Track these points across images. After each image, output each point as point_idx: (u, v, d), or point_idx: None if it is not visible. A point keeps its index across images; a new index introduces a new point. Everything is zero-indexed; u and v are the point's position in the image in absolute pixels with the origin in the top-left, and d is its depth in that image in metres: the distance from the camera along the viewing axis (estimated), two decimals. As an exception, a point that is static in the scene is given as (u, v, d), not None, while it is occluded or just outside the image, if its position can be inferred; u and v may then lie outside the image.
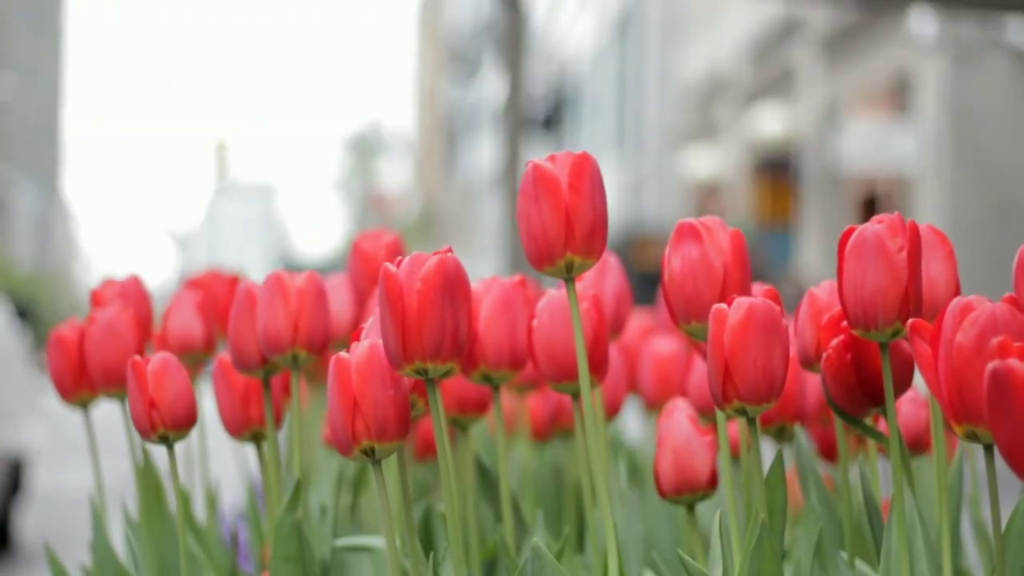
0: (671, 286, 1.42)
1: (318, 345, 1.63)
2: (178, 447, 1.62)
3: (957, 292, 1.43)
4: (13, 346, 7.16)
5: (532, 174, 1.37)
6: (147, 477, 1.86)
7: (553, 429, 2.25)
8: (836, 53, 15.43)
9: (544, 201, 1.36)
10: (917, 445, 1.74)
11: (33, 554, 7.07)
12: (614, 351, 1.91)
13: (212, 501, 2.10)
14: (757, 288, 1.44)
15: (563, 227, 1.36)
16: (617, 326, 1.88)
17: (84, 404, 1.88)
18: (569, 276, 1.39)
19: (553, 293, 1.59)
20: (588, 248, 1.37)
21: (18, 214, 71.84)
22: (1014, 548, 1.34)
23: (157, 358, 1.57)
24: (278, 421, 1.75)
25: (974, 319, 1.16)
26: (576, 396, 1.58)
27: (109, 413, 2.76)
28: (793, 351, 1.58)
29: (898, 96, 14.24)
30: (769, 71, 18.05)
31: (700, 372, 1.85)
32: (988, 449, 1.21)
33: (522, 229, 1.37)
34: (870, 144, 13.23)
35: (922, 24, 12.99)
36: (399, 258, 1.32)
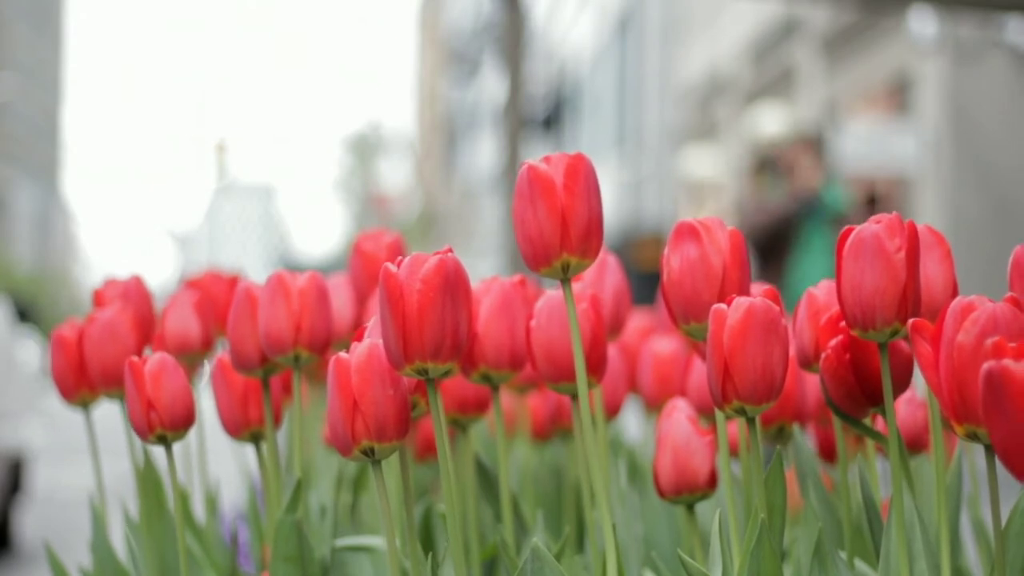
0: (670, 286, 1.42)
1: (320, 345, 1.63)
2: (178, 447, 1.62)
3: (955, 292, 1.43)
4: (13, 346, 7.16)
5: (527, 175, 1.36)
6: (147, 477, 1.86)
7: (553, 429, 2.25)
8: (836, 53, 15.42)
9: (539, 202, 1.36)
10: (916, 445, 1.74)
11: (33, 554, 7.07)
12: (614, 351, 1.91)
13: (212, 501, 2.10)
14: (756, 288, 1.44)
15: (559, 228, 1.36)
16: (616, 326, 1.88)
17: (85, 404, 1.88)
18: (565, 277, 1.38)
19: (551, 293, 1.59)
20: (584, 249, 1.37)
21: (18, 214, 71.83)
22: (1014, 547, 1.34)
23: (155, 359, 1.56)
24: (277, 421, 1.75)
25: (975, 319, 1.16)
26: (575, 397, 1.57)
27: (109, 413, 2.76)
28: (792, 351, 1.58)
29: (898, 96, 14.23)
30: (769, 71, 18.04)
31: (700, 372, 1.85)
32: (988, 449, 1.21)
33: (518, 230, 1.37)
34: (870, 144, 13.22)
35: (922, 24, 12.99)
36: (399, 258, 1.32)
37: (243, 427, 1.72)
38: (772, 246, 6.58)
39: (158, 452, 1.79)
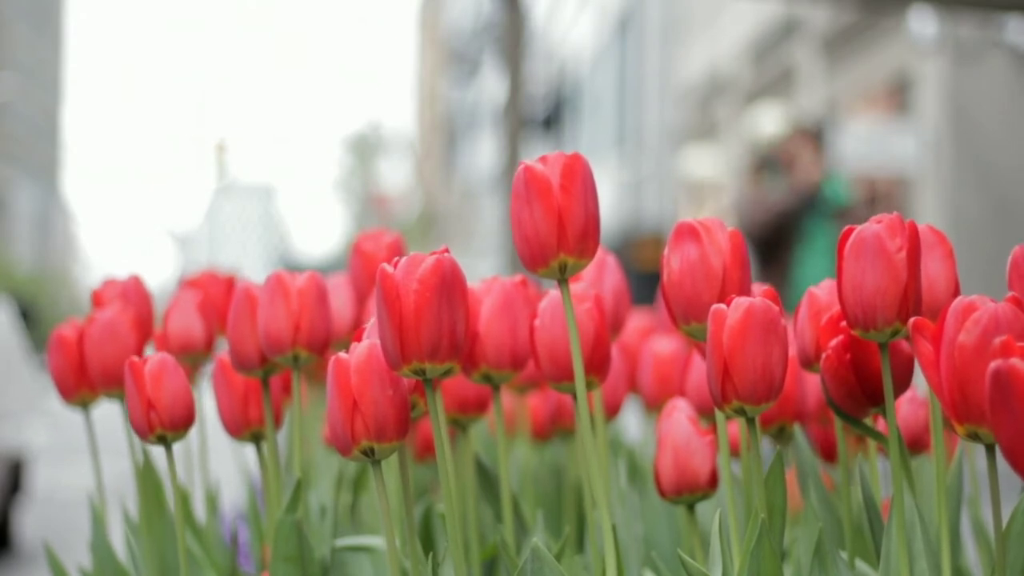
0: (670, 287, 1.42)
1: (319, 345, 1.63)
2: (178, 447, 1.62)
3: (957, 292, 1.43)
4: (15, 346, 7.15)
5: (523, 176, 1.37)
6: (147, 477, 1.86)
7: (553, 429, 2.25)
8: (836, 53, 15.42)
9: (536, 203, 1.36)
10: (917, 445, 1.74)
11: (33, 554, 7.07)
12: (614, 351, 1.90)
13: (212, 501, 2.10)
14: (756, 288, 1.44)
15: (555, 228, 1.36)
16: (616, 326, 1.88)
17: (84, 404, 1.88)
18: (562, 277, 1.38)
19: (554, 293, 1.59)
20: (581, 249, 1.37)
21: (18, 214, 71.85)
22: (1014, 548, 1.34)
23: (155, 359, 1.56)
24: (277, 421, 1.74)
25: (976, 319, 1.16)
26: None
27: (109, 413, 2.76)
28: (793, 351, 1.58)
29: (898, 96, 14.23)
30: (769, 71, 18.04)
31: (699, 372, 1.85)
32: (989, 449, 1.21)
33: (515, 231, 1.37)
34: (870, 144, 13.21)
35: (922, 24, 12.99)
36: (397, 259, 1.32)
37: (243, 427, 1.72)
38: (773, 243, 6.36)
39: (158, 452, 1.79)
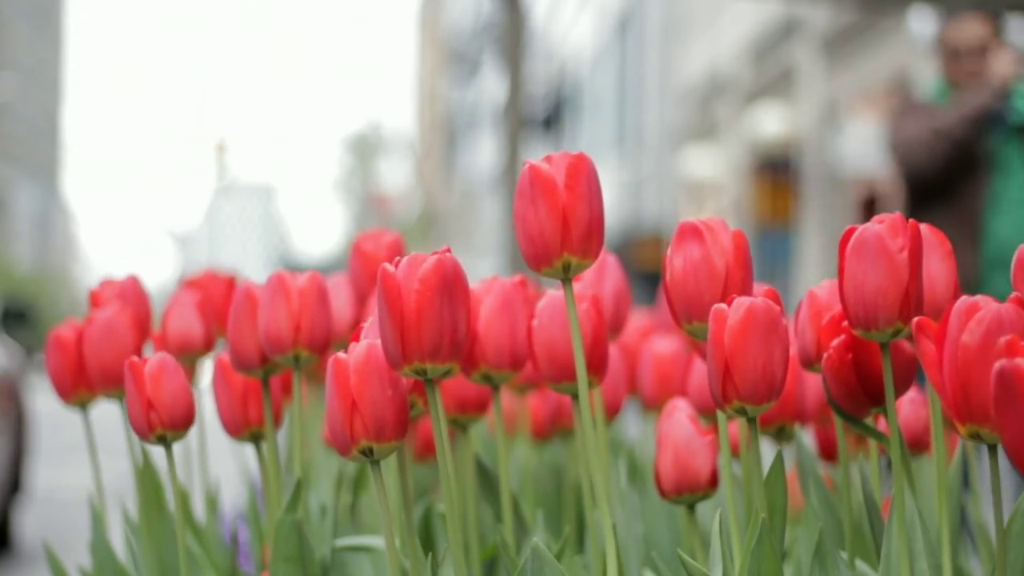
0: (673, 286, 1.42)
1: (320, 345, 1.63)
2: (178, 447, 1.62)
3: (957, 291, 1.43)
4: None
5: (528, 175, 1.36)
6: (147, 477, 1.86)
7: (553, 429, 2.24)
8: (836, 53, 15.43)
9: (541, 202, 1.36)
10: (918, 445, 1.74)
11: (33, 554, 7.06)
12: (614, 351, 1.90)
13: (212, 501, 2.10)
14: (758, 288, 1.44)
15: (560, 228, 1.36)
16: (616, 326, 1.88)
17: (83, 404, 1.87)
18: (566, 277, 1.38)
19: (553, 293, 1.59)
20: (585, 249, 1.37)
21: (18, 214, 71.86)
22: (1014, 548, 1.34)
23: (155, 359, 1.56)
24: (277, 421, 1.74)
25: (980, 319, 1.16)
26: (576, 396, 1.57)
27: (109, 413, 2.76)
28: (793, 351, 1.58)
29: (898, 96, 14.22)
30: (769, 71, 18.04)
31: (700, 372, 1.85)
32: (991, 449, 1.21)
33: (519, 230, 1.37)
34: (870, 144, 13.20)
35: (922, 24, 12.99)
36: (398, 258, 1.32)
37: (243, 427, 1.72)
38: (949, 172, 4.27)
39: (158, 452, 1.79)
